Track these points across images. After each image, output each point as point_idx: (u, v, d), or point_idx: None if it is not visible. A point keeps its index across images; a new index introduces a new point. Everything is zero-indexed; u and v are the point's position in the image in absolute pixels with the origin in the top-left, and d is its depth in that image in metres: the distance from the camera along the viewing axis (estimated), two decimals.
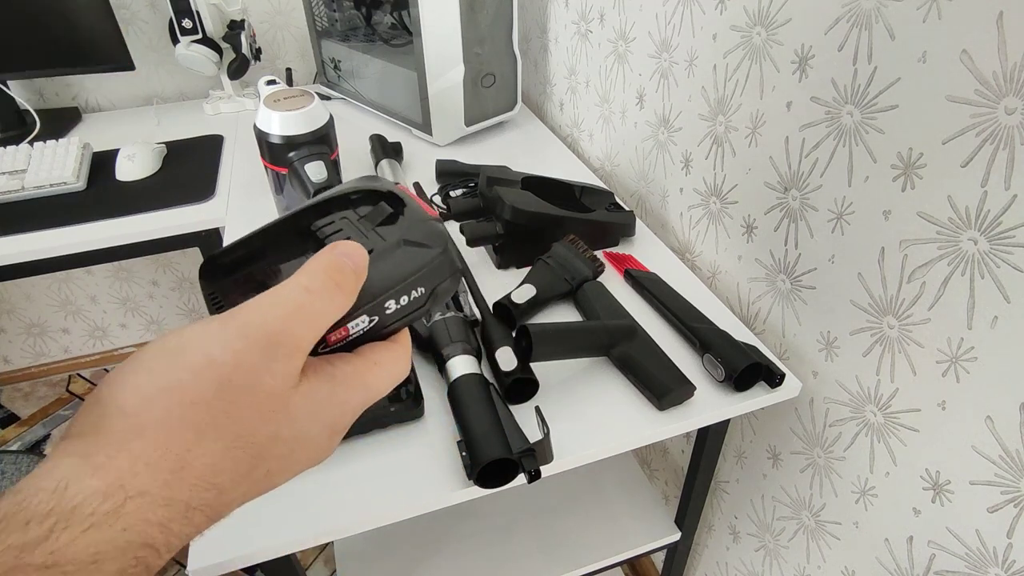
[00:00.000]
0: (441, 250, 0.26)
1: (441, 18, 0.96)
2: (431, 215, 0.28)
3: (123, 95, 1.37)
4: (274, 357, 0.21)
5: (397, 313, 0.26)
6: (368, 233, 0.27)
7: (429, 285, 0.26)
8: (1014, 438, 0.46)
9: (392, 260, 0.26)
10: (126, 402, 0.20)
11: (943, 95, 0.46)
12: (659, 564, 1.20)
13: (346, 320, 0.24)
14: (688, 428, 0.60)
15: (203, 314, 2.00)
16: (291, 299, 0.22)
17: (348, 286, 0.23)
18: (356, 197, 0.29)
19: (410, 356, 0.27)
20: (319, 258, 0.23)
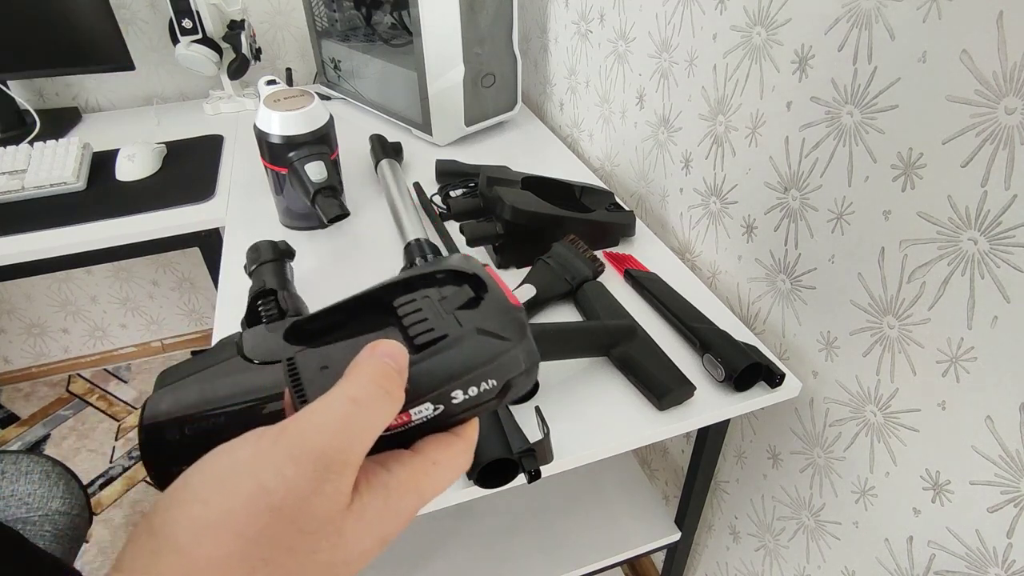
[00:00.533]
0: (516, 343, 0.25)
1: (441, 18, 0.96)
2: (513, 304, 0.27)
3: (123, 95, 1.37)
4: (325, 478, 0.20)
5: (465, 403, 0.25)
6: (447, 316, 0.26)
7: (501, 377, 0.25)
8: (1014, 438, 0.46)
9: (464, 349, 0.25)
10: (179, 537, 0.20)
11: (943, 95, 0.46)
12: (659, 564, 1.20)
13: (409, 406, 0.23)
14: (688, 428, 0.60)
15: (203, 315, 2.00)
16: (339, 413, 0.21)
17: (395, 392, 0.23)
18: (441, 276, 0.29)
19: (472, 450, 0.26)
20: (362, 364, 0.23)
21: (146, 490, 1.52)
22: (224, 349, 0.55)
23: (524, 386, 0.26)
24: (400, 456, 0.24)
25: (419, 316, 0.27)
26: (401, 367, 0.23)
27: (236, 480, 0.20)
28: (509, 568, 0.83)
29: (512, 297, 0.27)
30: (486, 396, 0.25)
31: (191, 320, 1.85)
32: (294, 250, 0.70)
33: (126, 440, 1.64)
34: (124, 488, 1.52)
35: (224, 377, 0.52)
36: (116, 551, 1.37)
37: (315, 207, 0.76)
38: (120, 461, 1.59)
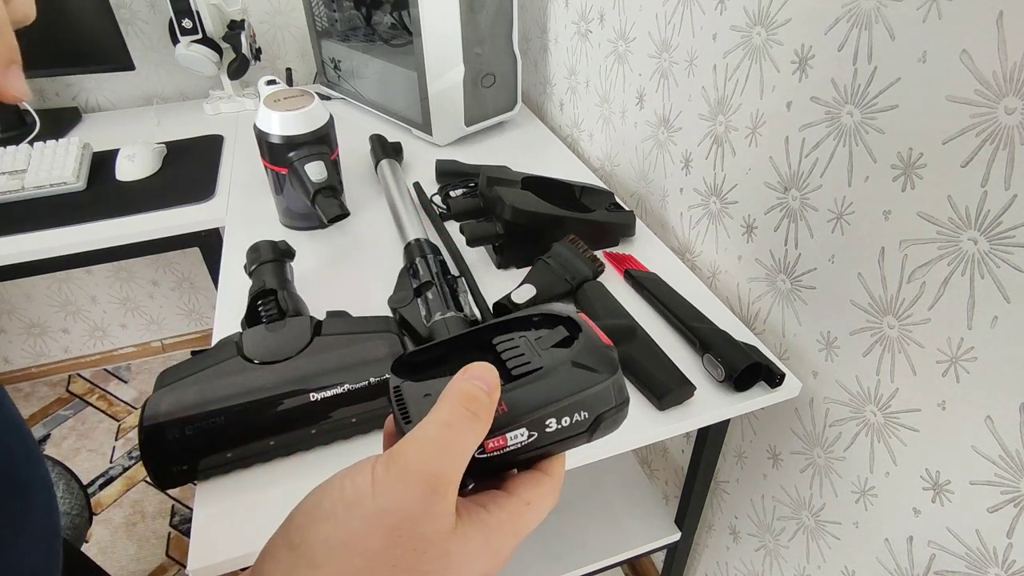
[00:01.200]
0: (608, 376, 0.26)
1: (441, 18, 0.96)
2: (606, 343, 0.28)
3: (123, 95, 1.37)
4: (433, 500, 0.22)
5: (557, 434, 0.26)
6: (542, 353, 0.28)
7: (593, 410, 0.26)
8: (1014, 438, 0.46)
9: (558, 378, 0.26)
10: (316, 553, 0.22)
11: (943, 95, 0.46)
12: (659, 564, 1.20)
13: (506, 430, 0.25)
14: (688, 428, 0.60)
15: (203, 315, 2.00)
16: (435, 438, 0.23)
17: (483, 413, 0.24)
18: (537, 319, 0.30)
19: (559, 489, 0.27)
20: (453, 390, 0.24)
21: (146, 490, 1.52)
22: (224, 349, 0.55)
23: (614, 423, 0.27)
24: (496, 497, 0.26)
25: (516, 351, 0.29)
26: (491, 387, 0.25)
27: (360, 503, 0.23)
28: (509, 568, 0.83)
29: (604, 337, 0.28)
30: (578, 428, 0.26)
31: (191, 320, 1.85)
32: (294, 250, 0.70)
33: (126, 440, 1.64)
34: (124, 488, 1.52)
35: (224, 377, 0.52)
36: (116, 551, 1.38)
37: (315, 207, 0.76)
38: (120, 461, 1.59)
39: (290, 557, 0.23)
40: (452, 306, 0.64)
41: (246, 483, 0.53)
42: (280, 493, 0.52)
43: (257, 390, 0.52)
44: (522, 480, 0.26)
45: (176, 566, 1.36)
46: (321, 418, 0.53)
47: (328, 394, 0.52)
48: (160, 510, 1.47)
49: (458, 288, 0.68)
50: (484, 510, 0.25)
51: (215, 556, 0.48)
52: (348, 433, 0.55)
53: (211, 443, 0.51)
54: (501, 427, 0.25)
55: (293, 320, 0.58)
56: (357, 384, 0.53)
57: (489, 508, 0.25)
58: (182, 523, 1.45)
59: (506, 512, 0.25)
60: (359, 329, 0.58)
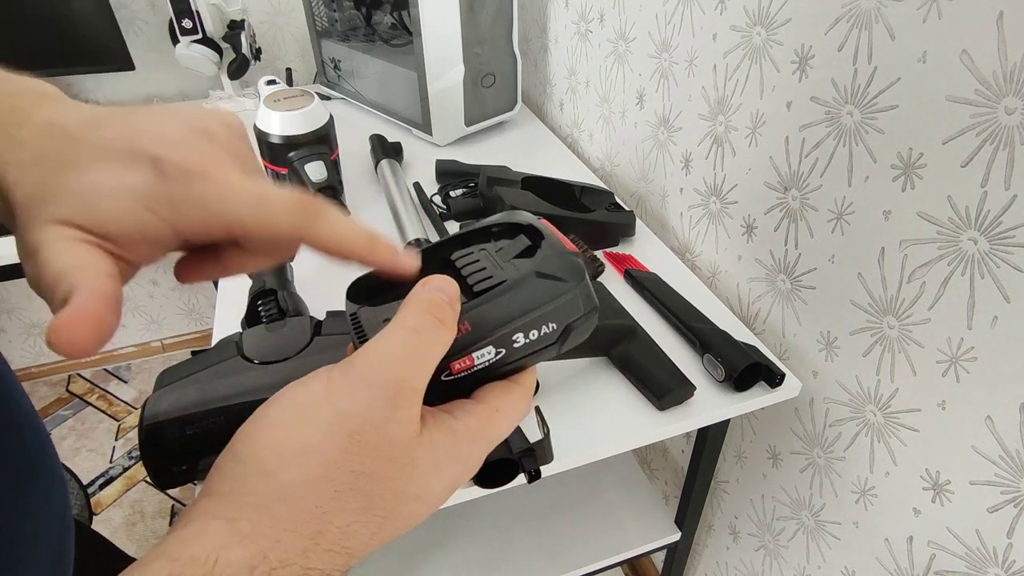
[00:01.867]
0: (575, 284, 0.25)
1: (441, 18, 0.96)
2: (571, 249, 0.27)
3: (123, 95, 1.37)
4: (398, 404, 0.21)
5: (525, 348, 0.25)
6: (504, 265, 0.27)
7: (561, 321, 0.25)
8: (1014, 438, 0.46)
9: (522, 291, 0.25)
10: (266, 462, 0.20)
11: (943, 95, 0.46)
12: (659, 564, 1.20)
13: (472, 350, 0.24)
14: (688, 428, 0.60)
15: (203, 315, 1.99)
16: (402, 343, 0.22)
17: (449, 321, 0.23)
18: (497, 230, 0.29)
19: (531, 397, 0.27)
20: (416, 298, 0.23)
21: (146, 490, 1.52)
22: (224, 349, 0.55)
23: (584, 332, 0.26)
24: (463, 404, 0.25)
25: (477, 266, 0.27)
26: (452, 298, 0.24)
27: (315, 409, 0.21)
28: (509, 568, 0.83)
29: (568, 244, 0.27)
30: (546, 340, 0.25)
31: (191, 320, 1.85)
32: None
33: (126, 440, 1.64)
34: (124, 488, 1.52)
35: (224, 377, 0.52)
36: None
37: None
38: (120, 461, 1.59)
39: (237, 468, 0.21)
40: None
41: None
42: None
43: (257, 390, 0.52)
44: (491, 388, 0.25)
45: None
46: None
47: None
48: (160, 510, 1.47)
49: None
50: (451, 416, 0.24)
51: None
52: None
53: (211, 443, 0.51)
54: (467, 346, 0.24)
55: (293, 320, 0.58)
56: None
57: (456, 415, 0.24)
58: None
59: (474, 418, 0.24)
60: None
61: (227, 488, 0.20)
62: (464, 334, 0.24)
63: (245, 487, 0.20)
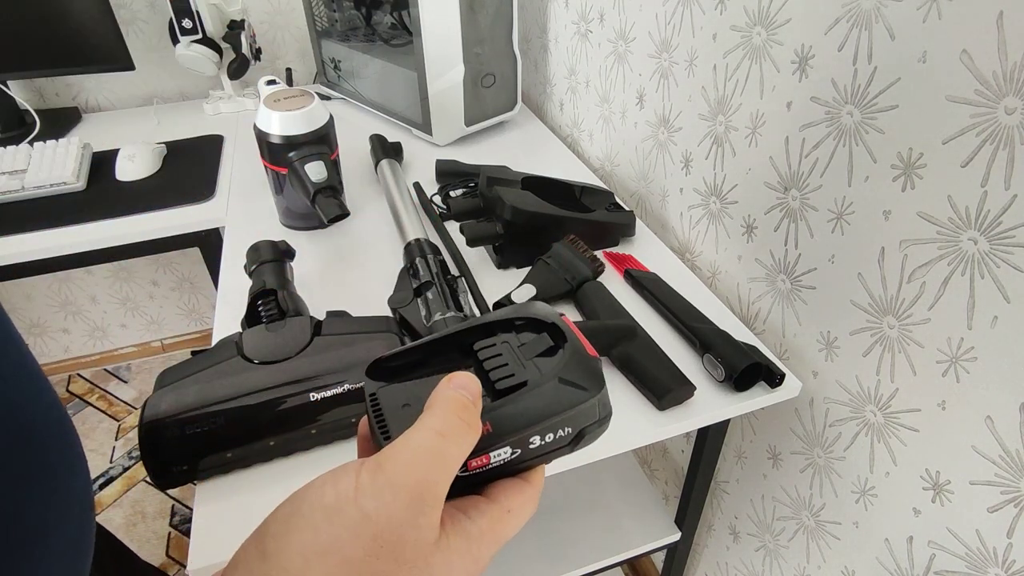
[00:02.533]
0: (595, 394, 0.26)
1: (441, 18, 0.96)
2: (591, 354, 0.27)
3: (123, 95, 1.37)
4: (420, 511, 0.22)
5: (540, 448, 0.26)
6: (526, 363, 0.27)
7: (577, 426, 0.26)
8: (1014, 438, 0.46)
9: (544, 396, 0.25)
10: (292, 563, 0.21)
11: (943, 95, 0.46)
12: (659, 564, 1.20)
13: (489, 449, 0.25)
14: (688, 428, 0.60)
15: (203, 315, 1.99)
16: (427, 446, 0.23)
17: (474, 423, 0.24)
18: (520, 323, 0.30)
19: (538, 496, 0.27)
20: (443, 398, 0.24)
21: (146, 490, 1.52)
22: (224, 349, 0.55)
23: (595, 437, 0.27)
24: (478, 504, 0.25)
25: (500, 361, 0.28)
26: (475, 396, 0.25)
27: (342, 511, 0.22)
28: (509, 568, 0.83)
29: (589, 348, 0.28)
30: (559, 443, 0.26)
31: (191, 320, 1.85)
32: (294, 250, 0.70)
33: (126, 440, 1.64)
34: (124, 488, 1.52)
35: (224, 377, 0.52)
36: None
37: (315, 207, 0.76)
38: (120, 461, 1.59)
39: (263, 566, 0.22)
40: (452, 306, 0.64)
41: (246, 483, 0.53)
42: (280, 493, 0.52)
43: (257, 390, 0.52)
44: (503, 487, 0.26)
45: (176, 566, 1.36)
46: (321, 418, 0.53)
47: (328, 394, 0.52)
48: (160, 510, 1.47)
49: (458, 288, 0.68)
50: (467, 518, 0.24)
51: (215, 556, 0.48)
52: (348, 433, 0.55)
53: (211, 443, 0.51)
54: (485, 447, 0.24)
55: (293, 320, 0.58)
56: (357, 384, 0.53)
57: (471, 516, 0.25)
58: (182, 523, 1.45)
59: (487, 519, 0.25)
60: (359, 329, 0.58)
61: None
62: (485, 434, 0.24)
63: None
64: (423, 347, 0.29)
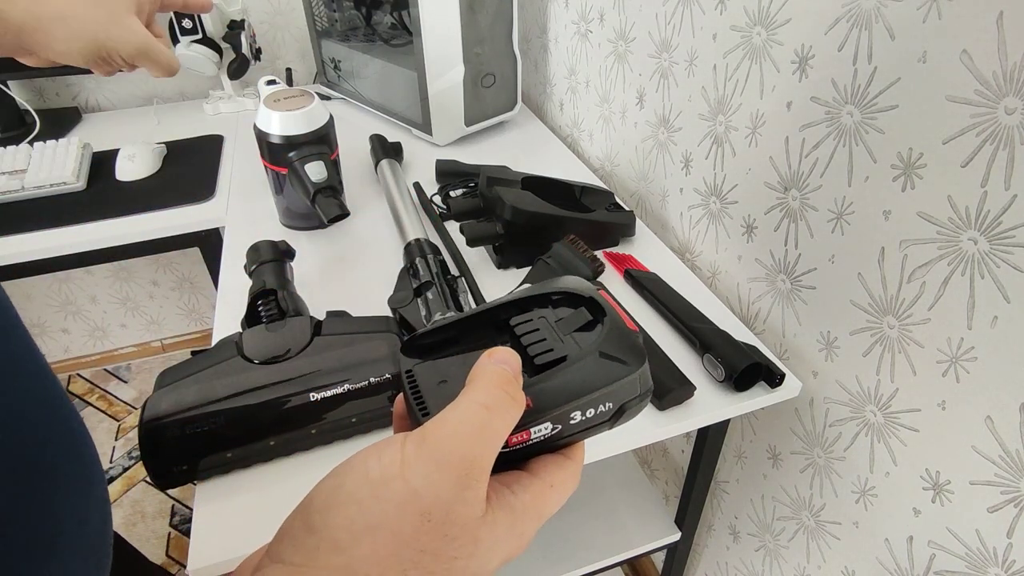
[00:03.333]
0: (636, 367, 0.25)
1: (441, 18, 0.96)
2: (631, 329, 0.27)
3: (123, 95, 1.37)
4: (467, 485, 0.22)
5: (580, 424, 0.26)
6: (564, 338, 0.27)
7: (617, 401, 0.26)
8: (1014, 438, 0.46)
9: (584, 370, 0.25)
10: (339, 537, 0.21)
11: (943, 95, 0.46)
12: (659, 564, 1.20)
13: (530, 424, 0.24)
14: (688, 428, 0.60)
15: (203, 315, 1.99)
16: (474, 419, 0.22)
17: (519, 397, 0.24)
18: (557, 298, 0.29)
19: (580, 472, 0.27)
20: (487, 371, 0.24)
21: (146, 490, 1.52)
22: (224, 349, 0.55)
23: (636, 412, 0.27)
24: (521, 478, 0.25)
25: (538, 336, 0.27)
26: (516, 371, 0.24)
27: (388, 485, 0.21)
28: (509, 568, 0.83)
29: (629, 321, 0.27)
30: (600, 418, 0.26)
31: (191, 320, 1.85)
32: (294, 250, 0.70)
33: (126, 440, 1.64)
34: (124, 488, 1.52)
35: (224, 377, 0.52)
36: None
37: (315, 207, 0.76)
38: (120, 461, 1.59)
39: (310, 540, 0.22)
40: (452, 306, 0.64)
41: (246, 483, 0.53)
42: (280, 493, 0.52)
43: (257, 390, 0.52)
44: (545, 462, 0.26)
45: (176, 566, 1.36)
46: (321, 418, 0.53)
47: (328, 394, 0.52)
48: (160, 510, 1.47)
49: (458, 288, 0.68)
50: (511, 492, 0.24)
51: (215, 556, 0.48)
52: (348, 433, 0.55)
53: (211, 443, 0.51)
54: (527, 422, 0.24)
55: (293, 320, 0.58)
56: (357, 384, 0.53)
57: (515, 490, 0.24)
58: (182, 523, 1.45)
59: (531, 494, 0.25)
60: (359, 329, 0.58)
61: (300, 559, 0.21)
62: (527, 409, 0.24)
63: (318, 561, 0.21)
64: (457, 324, 0.29)
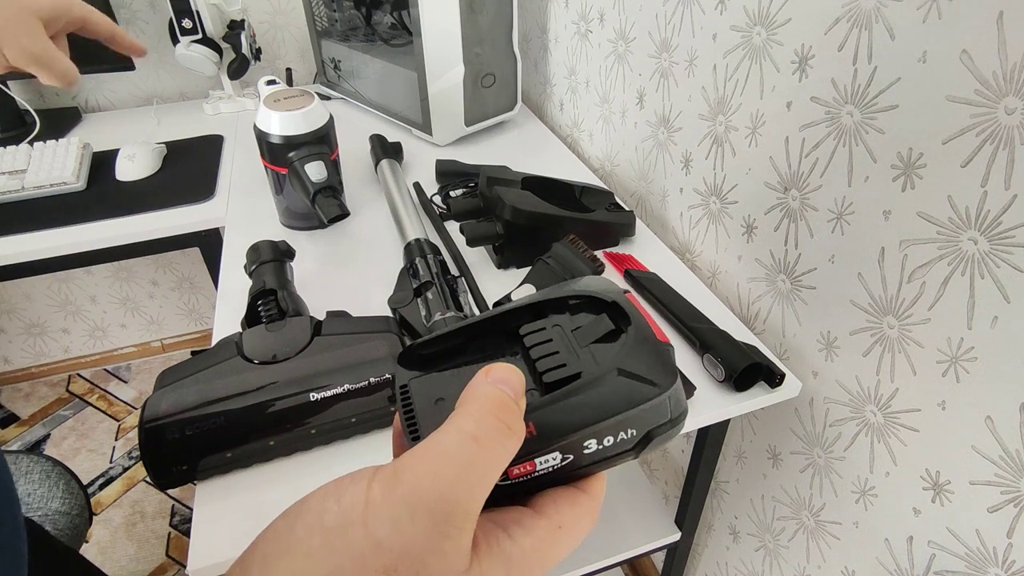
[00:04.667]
0: (664, 389, 0.21)
1: (441, 18, 0.96)
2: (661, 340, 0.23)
3: (123, 95, 1.37)
4: (445, 533, 0.18)
5: (597, 454, 0.21)
6: (581, 351, 0.23)
7: (643, 427, 0.21)
8: (1014, 438, 0.46)
9: (601, 393, 0.21)
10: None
11: (943, 95, 0.46)
12: (659, 564, 1.20)
13: (534, 454, 0.21)
14: (688, 428, 0.60)
15: (203, 315, 1.99)
16: (459, 455, 0.18)
17: (516, 425, 0.20)
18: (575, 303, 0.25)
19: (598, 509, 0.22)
20: (478, 395, 0.20)
21: (146, 490, 1.52)
22: (224, 349, 0.55)
23: (668, 438, 0.23)
24: (521, 519, 0.21)
25: (549, 348, 0.23)
26: (518, 393, 0.20)
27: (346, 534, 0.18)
28: None
29: (659, 332, 0.23)
30: (621, 447, 0.22)
31: (191, 320, 1.85)
32: (294, 250, 0.70)
33: (126, 440, 1.64)
34: (124, 488, 1.52)
35: (224, 377, 0.52)
36: (116, 551, 1.38)
37: (315, 207, 0.76)
38: (120, 461, 1.59)
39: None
40: (452, 306, 0.64)
41: (246, 483, 0.53)
42: (280, 493, 0.52)
43: (257, 390, 0.52)
44: (554, 497, 0.22)
45: (176, 566, 1.36)
46: (321, 418, 0.53)
47: (328, 394, 0.52)
48: (160, 510, 1.47)
49: (458, 288, 0.68)
50: (507, 537, 0.20)
51: (215, 556, 0.48)
52: (348, 433, 0.55)
53: (211, 443, 0.51)
54: (530, 451, 0.20)
55: (293, 320, 0.58)
56: (357, 384, 0.53)
57: (512, 534, 0.20)
58: (182, 523, 1.45)
59: (532, 539, 0.20)
60: (359, 329, 0.58)
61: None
62: (529, 437, 0.20)
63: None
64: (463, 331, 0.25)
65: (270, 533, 0.19)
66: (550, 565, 0.21)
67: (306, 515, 0.19)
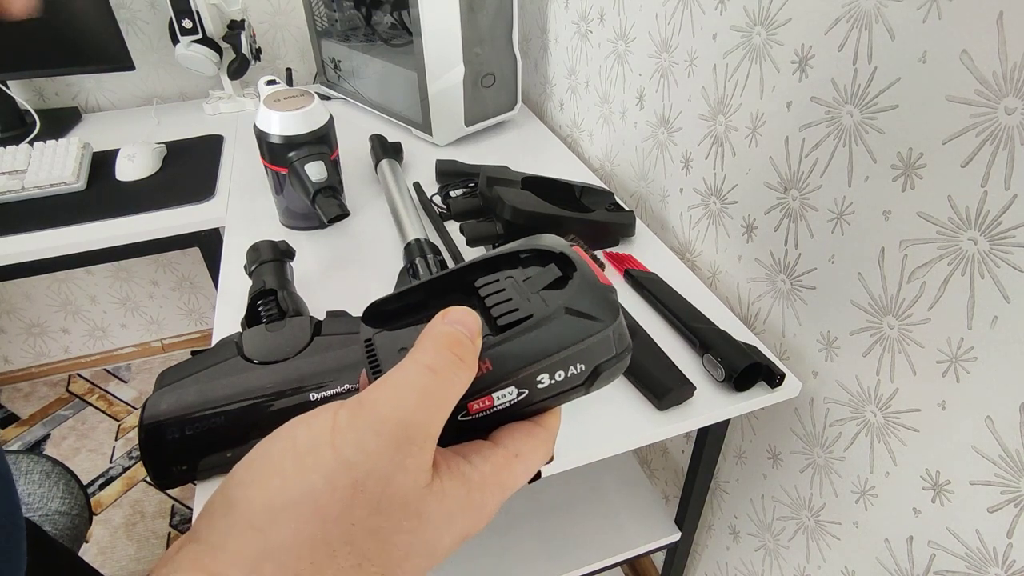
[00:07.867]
0: (608, 323, 0.23)
1: (441, 18, 0.96)
2: (604, 283, 0.25)
3: (123, 95, 1.37)
4: (407, 452, 0.20)
5: (550, 389, 0.23)
6: (531, 297, 0.25)
7: (590, 362, 0.23)
8: (1014, 438, 0.46)
9: (550, 329, 0.23)
10: (256, 514, 0.19)
11: (943, 95, 0.46)
12: (659, 564, 1.20)
13: (491, 389, 0.22)
14: (688, 428, 0.60)
15: (203, 315, 1.99)
16: (417, 383, 0.20)
17: (469, 359, 0.22)
18: (525, 256, 0.27)
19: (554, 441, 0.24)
20: (435, 332, 0.22)
21: (146, 490, 1.52)
22: (224, 349, 0.55)
23: (615, 373, 0.25)
24: (480, 448, 0.23)
25: (503, 296, 0.25)
26: (473, 333, 0.22)
27: (316, 454, 0.19)
28: (509, 568, 0.83)
29: (602, 276, 0.25)
30: (573, 381, 0.24)
31: (191, 320, 1.85)
32: (294, 250, 0.70)
33: (126, 440, 1.64)
34: (124, 488, 1.52)
35: (224, 377, 0.52)
36: (116, 551, 1.38)
37: (315, 207, 0.76)
38: (120, 461, 1.59)
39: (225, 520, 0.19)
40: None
41: None
42: None
43: (257, 390, 0.52)
44: (510, 431, 0.24)
45: None
46: None
47: (328, 394, 0.52)
48: (160, 510, 1.47)
49: None
50: (466, 462, 0.22)
51: None
52: None
53: (211, 443, 0.51)
54: (487, 386, 0.22)
55: (293, 320, 0.58)
56: (357, 384, 0.53)
57: (472, 460, 0.22)
58: (182, 523, 1.45)
59: (490, 464, 0.22)
60: (359, 329, 0.58)
61: (216, 539, 0.19)
62: (485, 373, 0.22)
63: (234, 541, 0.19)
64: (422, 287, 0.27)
65: (246, 462, 0.21)
66: (508, 490, 0.23)
67: (279, 442, 0.20)
